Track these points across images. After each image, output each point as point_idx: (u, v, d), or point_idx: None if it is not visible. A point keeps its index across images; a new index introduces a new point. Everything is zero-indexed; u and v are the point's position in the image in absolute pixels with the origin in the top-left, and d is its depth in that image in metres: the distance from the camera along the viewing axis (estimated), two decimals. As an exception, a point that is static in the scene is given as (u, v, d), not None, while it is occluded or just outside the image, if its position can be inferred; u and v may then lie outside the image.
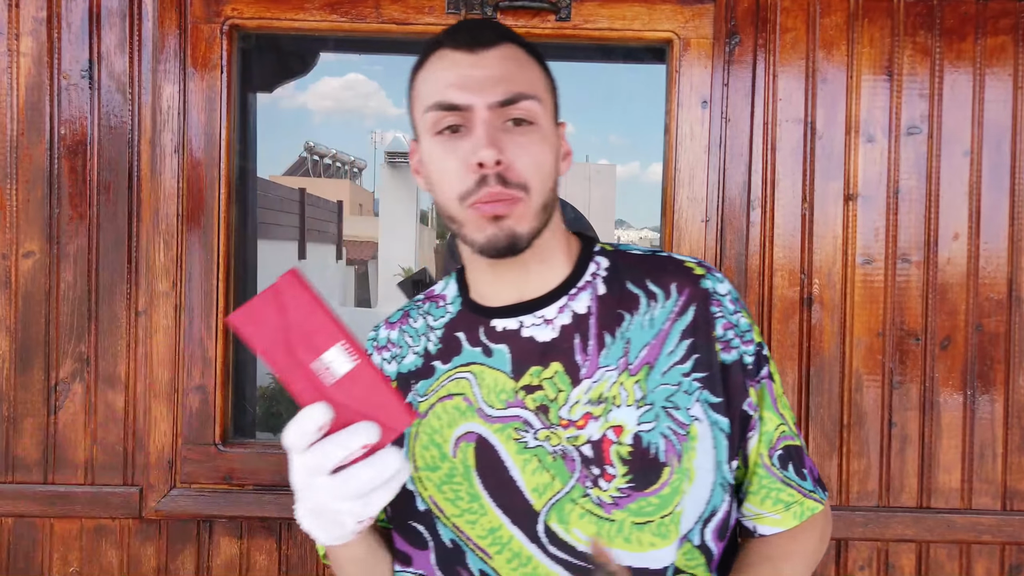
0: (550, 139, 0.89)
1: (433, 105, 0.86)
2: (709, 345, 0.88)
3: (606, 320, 0.89)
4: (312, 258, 8.27)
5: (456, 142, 0.85)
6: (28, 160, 1.49)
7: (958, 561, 1.50)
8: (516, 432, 0.87)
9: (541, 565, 0.85)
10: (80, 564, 1.51)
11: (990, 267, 1.49)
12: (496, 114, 0.85)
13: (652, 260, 0.94)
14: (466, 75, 0.85)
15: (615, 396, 0.86)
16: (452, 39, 0.88)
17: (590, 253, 0.95)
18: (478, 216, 0.85)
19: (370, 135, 24.87)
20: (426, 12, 1.47)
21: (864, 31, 1.49)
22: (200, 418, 1.48)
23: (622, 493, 0.84)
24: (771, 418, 0.91)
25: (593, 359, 0.88)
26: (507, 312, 0.92)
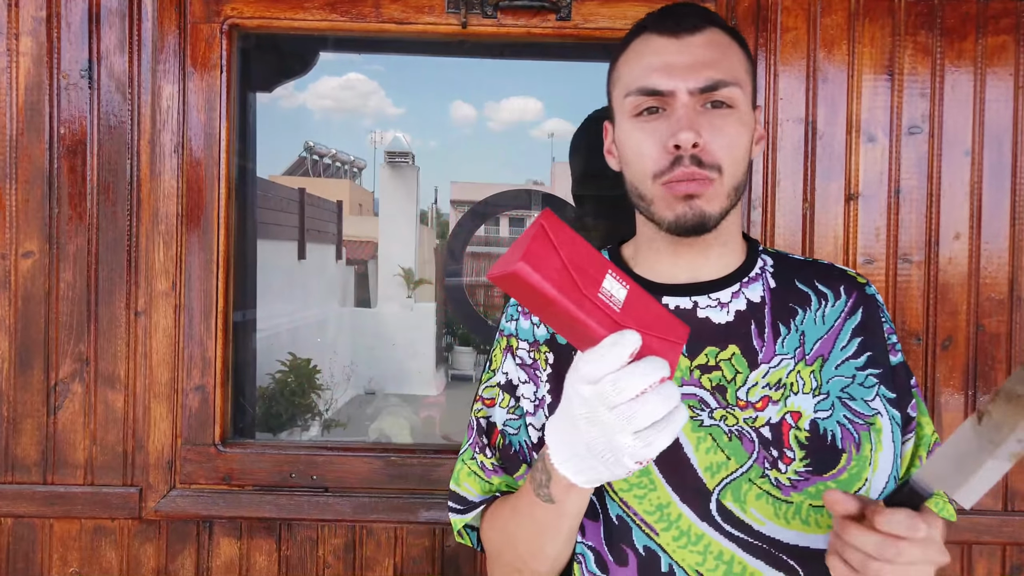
0: (747, 122, 0.91)
1: (636, 90, 0.89)
2: (881, 345, 0.94)
3: (780, 311, 0.93)
4: (312, 258, 8.26)
5: (654, 123, 0.88)
6: (27, 160, 1.48)
7: (959, 562, 1.50)
8: (691, 410, 0.89)
9: (714, 543, 0.86)
10: (80, 565, 1.51)
11: (991, 267, 1.49)
12: (697, 99, 0.87)
13: (816, 264, 0.99)
14: (670, 61, 0.88)
15: (793, 383, 0.89)
16: (657, 24, 0.90)
17: (756, 249, 0.99)
18: (670, 195, 0.88)
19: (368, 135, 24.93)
20: (426, 12, 1.47)
21: (865, 30, 1.48)
22: (200, 418, 1.48)
23: (800, 476, 0.86)
24: (927, 423, 0.96)
25: (770, 345, 0.91)
26: (680, 291, 0.94)
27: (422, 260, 11.79)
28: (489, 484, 0.99)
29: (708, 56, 0.88)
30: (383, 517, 1.48)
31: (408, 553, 1.51)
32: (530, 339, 0.99)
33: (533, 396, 0.97)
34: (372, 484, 1.49)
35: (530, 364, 0.98)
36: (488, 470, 0.99)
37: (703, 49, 0.88)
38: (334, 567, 1.51)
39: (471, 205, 5.11)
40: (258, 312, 1.86)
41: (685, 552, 0.87)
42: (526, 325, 1.00)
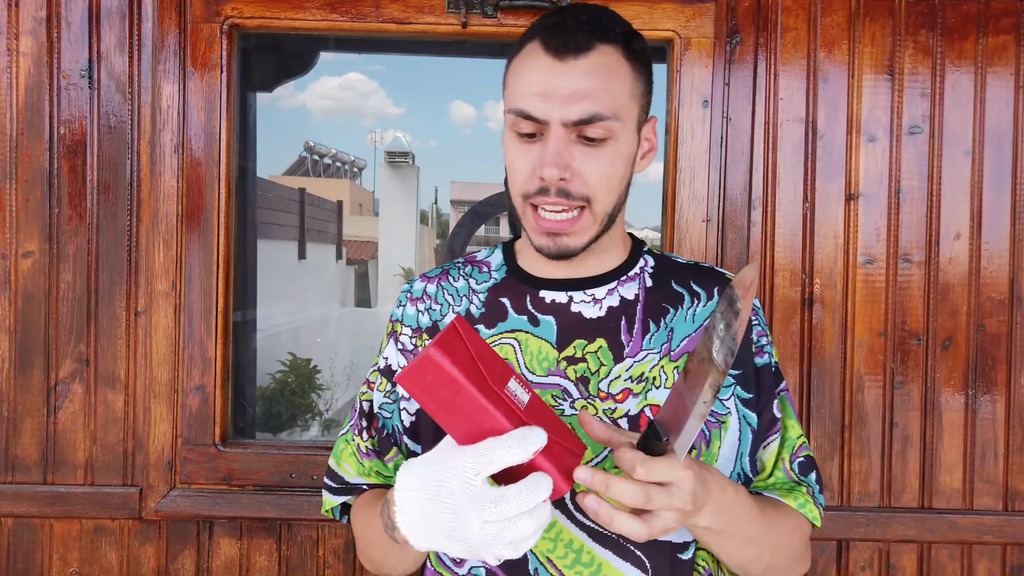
0: (623, 151, 0.90)
1: (513, 110, 0.89)
2: (745, 346, 0.95)
3: (652, 309, 0.95)
4: (312, 258, 8.26)
5: (529, 146, 0.89)
6: (28, 160, 1.48)
7: (959, 562, 1.50)
8: (553, 399, 0.91)
9: (565, 531, 0.88)
10: (80, 565, 1.51)
11: (992, 267, 1.49)
12: (570, 130, 0.87)
13: (695, 267, 1.01)
14: (548, 88, 0.86)
15: (655, 377, 0.91)
16: (546, 38, 0.88)
17: (640, 251, 1.01)
18: (535, 226, 0.90)
19: (368, 135, 24.91)
20: (426, 11, 1.47)
21: (865, 30, 1.48)
22: (200, 418, 1.48)
23: None
24: (793, 427, 0.97)
25: (637, 340, 0.93)
26: (557, 285, 0.96)
27: (422, 260, 11.79)
28: (361, 466, 1.02)
29: (588, 85, 0.86)
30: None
31: (408, 553, 1.51)
32: (414, 325, 1.01)
33: None
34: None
35: (411, 350, 1.00)
36: (362, 452, 1.01)
37: (585, 77, 0.86)
38: (334, 567, 1.51)
39: (471, 205, 5.10)
40: (258, 312, 1.86)
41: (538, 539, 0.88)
42: (411, 311, 1.02)
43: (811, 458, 0.97)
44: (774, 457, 0.95)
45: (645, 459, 0.71)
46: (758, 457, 0.95)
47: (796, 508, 0.92)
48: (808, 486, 0.95)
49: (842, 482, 1.49)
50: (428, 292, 1.02)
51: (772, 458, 0.95)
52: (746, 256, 1.49)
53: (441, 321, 0.99)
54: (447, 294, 1.01)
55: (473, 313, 0.98)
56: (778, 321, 1.49)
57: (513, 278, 0.99)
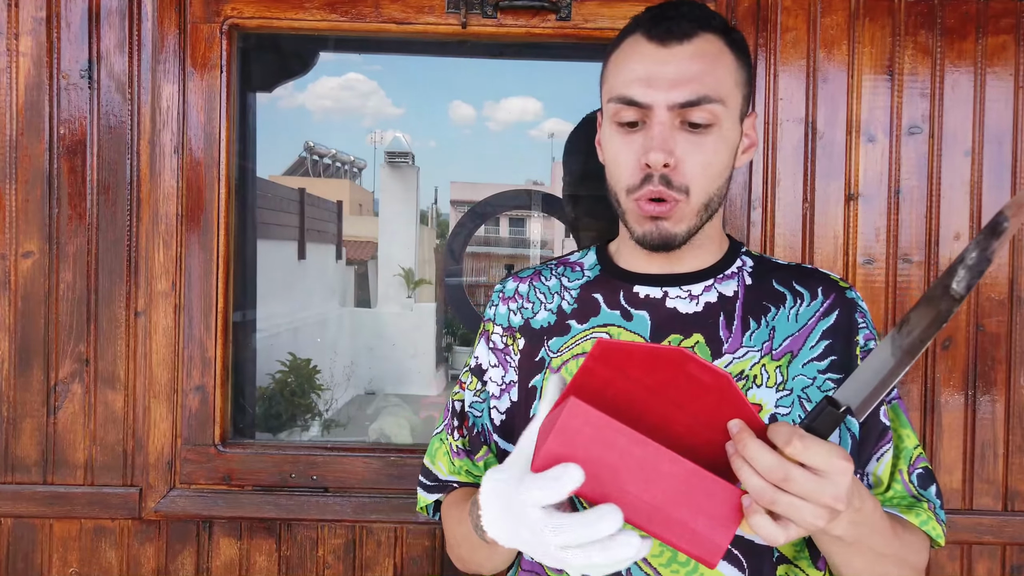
0: (728, 139, 0.89)
1: (616, 97, 0.88)
2: (849, 350, 0.91)
3: (752, 306, 0.92)
4: (312, 258, 8.26)
5: (632, 136, 0.88)
6: (27, 160, 1.48)
7: (959, 562, 1.50)
8: None
9: None
10: (79, 565, 1.51)
11: (991, 267, 1.49)
12: (675, 114, 0.86)
13: (797, 267, 0.98)
14: (653, 71, 0.86)
15: (756, 375, 0.88)
16: (648, 27, 0.88)
17: (738, 250, 0.99)
18: (639, 212, 0.88)
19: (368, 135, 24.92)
20: (426, 11, 1.47)
21: (865, 30, 1.48)
22: (199, 419, 1.48)
23: None
24: (909, 436, 0.92)
25: (737, 337, 0.90)
26: (652, 280, 0.95)
27: (422, 260, 11.78)
28: (452, 465, 1.02)
29: (693, 69, 0.85)
30: (383, 517, 1.49)
31: (408, 553, 1.51)
32: (504, 324, 1.01)
33: (501, 380, 0.99)
34: (372, 484, 1.49)
35: (501, 348, 1.00)
36: (454, 451, 1.02)
37: (689, 61, 0.85)
38: (334, 567, 1.51)
39: (471, 205, 5.11)
40: (258, 312, 1.86)
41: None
42: (503, 310, 1.02)
43: (930, 470, 0.93)
44: (890, 469, 0.91)
45: (805, 435, 0.65)
46: (870, 471, 0.91)
47: (919, 525, 0.88)
48: (929, 501, 0.91)
49: (842, 482, 1.49)
50: (520, 291, 1.02)
51: (888, 471, 0.91)
52: (746, 256, 1.48)
53: (533, 319, 0.98)
54: (539, 292, 1.00)
55: (565, 309, 0.97)
56: (778, 321, 1.49)
57: (607, 275, 0.98)
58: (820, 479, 0.64)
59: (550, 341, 0.96)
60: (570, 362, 0.93)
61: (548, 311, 0.98)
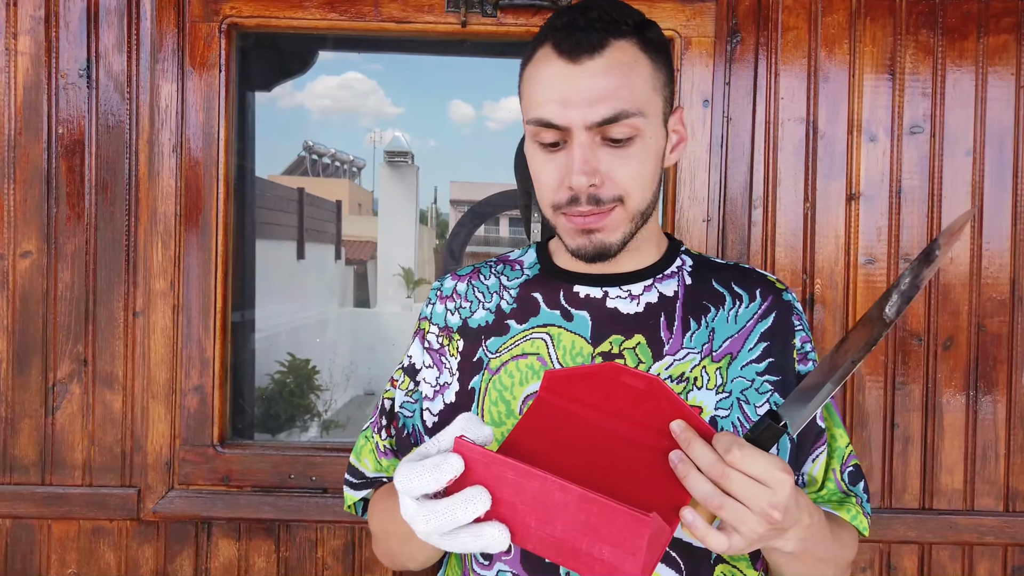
0: (652, 147, 0.87)
1: (533, 120, 0.86)
2: (786, 352, 0.91)
3: (692, 307, 0.92)
4: (311, 258, 8.26)
5: (554, 155, 0.86)
6: (26, 160, 1.48)
7: (960, 563, 1.50)
8: None
9: None
10: (78, 566, 1.50)
11: (993, 267, 1.48)
12: (594, 132, 0.84)
13: (736, 267, 0.98)
14: (566, 91, 0.83)
15: (696, 377, 0.88)
16: (557, 41, 0.84)
17: (677, 249, 0.98)
18: (570, 226, 0.87)
19: (367, 134, 24.92)
20: (425, 11, 1.46)
21: (866, 30, 1.48)
22: (198, 419, 1.48)
23: None
24: (841, 436, 0.94)
25: (678, 338, 0.90)
26: (592, 280, 0.94)
27: (422, 260, 11.79)
28: (379, 464, 1.00)
29: (608, 85, 0.82)
30: (382, 518, 1.48)
31: (408, 554, 1.51)
32: (441, 324, 0.99)
33: (435, 381, 0.97)
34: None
35: (437, 349, 0.98)
36: (380, 451, 1.00)
37: (604, 76, 0.82)
38: (333, 568, 1.51)
39: (471, 205, 5.10)
40: (257, 312, 1.86)
41: None
42: (440, 309, 1.00)
43: (859, 467, 0.95)
44: (824, 469, 0.93)
45: (744, 444, 0.66)
46: (805, 471, 0.92)
47: (850, 520, 0.90)
48: (857, 496, 0.93)
49: (843, 483, 1.49)
50: (458, 290, 1.00)
51: (822, 470, 0.93)
52: (747, 256, 1.48)
53: (471, 318, 0.97)
54: (477, 292, 0.99)
55: (504, 309, 0.95)
56: (778, 321, 1.49)
57: (546, 274, 0.97)
58: (760, 486, 0.66)
59: (488, 341, 0.94)
60: (509, 363, 0.92)
61: (486, 310, 0.96)
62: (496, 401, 0.91)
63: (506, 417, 0.90)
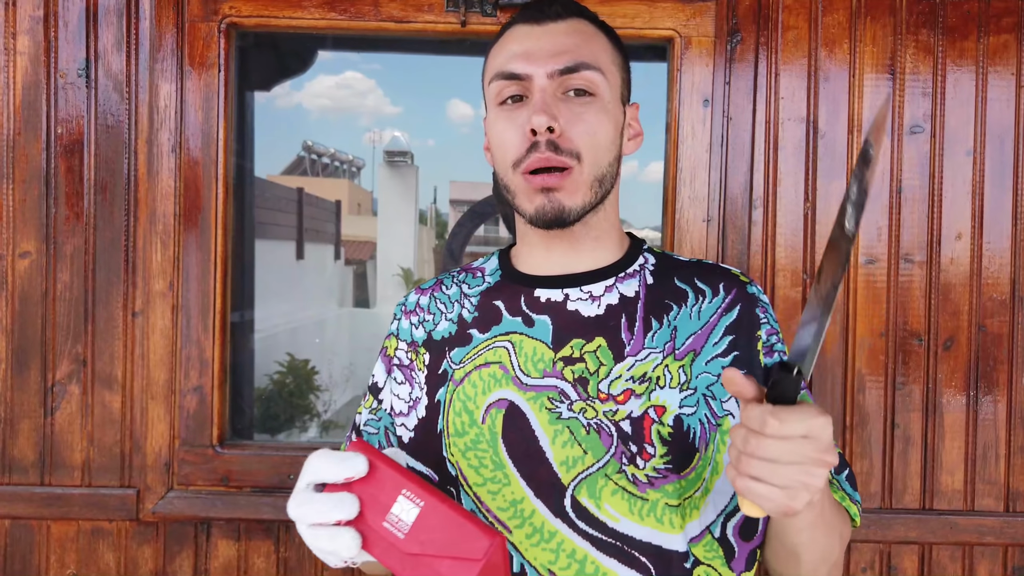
0: (611, 112, 0.90)
1: (496, 75, 0.89)
2: (751, 345, 0.90)
3: (654, 306, 0.91)
4: (310, 258, 8.25)
5: (516, 111, 0.88)
6: (24, 159, 1.47)
7: (960, 563, 1.49)
8: (550, 402, 0.87)
9: (567, 540, 0.85)
10: (77, 566, 1.50)
11: (993, 267, 1.48)
12: (556, 83, 0.87)
13: (699, 264, 0.97)
14: (530, 47, 0.88)
15: (659, 377, 0.87)
16: (522, 15, 0.91)
17: (639, 248, 0.98)
18: (528, 187, 0.87)
19: (366, 134, 24.94)
20: (425, 10, 1.46)
21: (866, 29, 1.48)
22: (197, 419, 1.47)
23: (658, 473, 0.84)
24: None
25: (639, 339, 0.89)
26: (552, 283, 0.93)
27: (421, 260, 11.77)
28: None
29: (569, 42, 0.88)
30: (382, 519, 1.48)
31: (407, 555, 1.51)
32: (408, 339, 0.99)
33: (408, 397, 0.97)
34: (371, 485, 1.48)
35: (407, 365, 0.98)
36: None
37: (565, 35, 0.88)
38: (332, 569, 1.50)
39: (470, 204, 5.09)
40: (256, 313, 1.86)
41: (537, 551, 0.85)
42: (406, 325, 1.00)
43: (841, 455, 0.92)
44: None
45: (776, 410, 0.65)
46: None
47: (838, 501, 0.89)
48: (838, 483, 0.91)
49: (843, 483, 1.49)
50: (421, 304, 1.00)
51: None
52: (747, 256, 1.48)
53: (435, 331, 0.97)
54: (439, 303, 0.99)
55: (466, 318, 0.95)
56: (779, 321, 1.48)
57: (507, 280, 0.96)
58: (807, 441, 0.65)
59: (452, 352, 0.94)
60: (472, 373, 0.91)
61: (449, 321, 0.96)
62: (460, 412, 0.91)
63: (469, 427, 0.90)
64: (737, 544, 0.88)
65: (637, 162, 11.01)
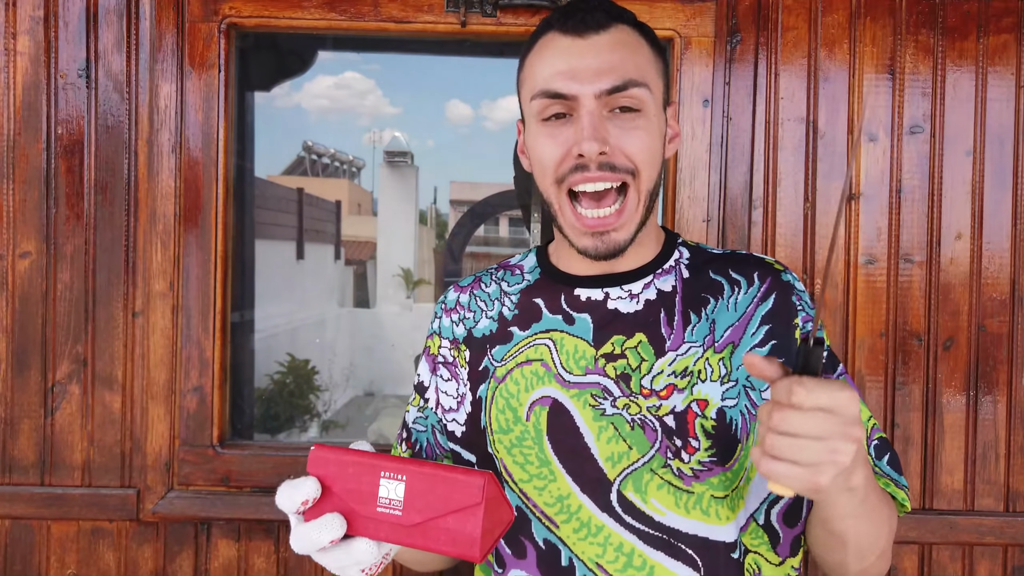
0: (656, 124, 0.89)
1: (539, 93, 0.87)
2: (788, 333, 0.91)
3: (691, 300, 0.92)
4: (310, 258, 8.26)
5: (560, 128, 0.87)
6: (25, 160, 1.47)
7: (960, 563, 1.49)
8: (593, 399, 0.88)
9: (614, 534, 0.85)
10: (77, 567, 1.50)
11: (993, 267, 1.48)
12: (603, 102, 0.85)
13: (733, 255, 0.97)
14: (574, 63, 0.85)
15: (700, 370, 0.88)
16: (562, 23, 0.88)
17: (674, 242, 0.98)
18: (577, 224, 0.87)
19: (365, 134, 24.93)
20: (425, 10, 1.46)
21: (866, 29, 1.48)
22: (197, 420, 1.47)
23: (703, 466, 0.85)
24: (863, 410, 0.91)
25: (679, 333, 0.90)
26: (592, 282, 0.94)
27: (421, 260, 11.78)
28: None
29: (614, 57, 0.85)
30: (382, 519, 1.48)
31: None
32: (450, 337, 1.00)
33: (456, 392, 0.98)
34: (371, 485, 1.48)
35: (451, 362, 0.99)
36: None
37: (609, 50, 0.86)
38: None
39: (470, 205, 5.09)
40: (256, 313, 1.86)
41: (585, 544, 0.86)
42: (447, 323, 1.01)
43: (886, 440, 0.92)
44: None
45: (804, 380, 0.64)
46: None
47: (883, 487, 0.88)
48: (882, 471, 0.90)
49: (843, 483, 1.49)
50: (461, 302, 1.01)
51: None
52: (746, 256, 1.48)
53: (475, 328, 0.97)
54: (479, 301, 0.99)
55: (507, 316, 0.96)
56: (779, 321, 1.49)
57: (547, 278, 0.97)
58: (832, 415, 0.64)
59: (493, 350, 0.95)
60: (514, 370, 0.92)
61: (489, 319, 0.97)
62: (503, 408, 0.91)
63: (514, 424, 0.91)
64: (782, 530, 0.88)
65: (637, 162, 10.98)
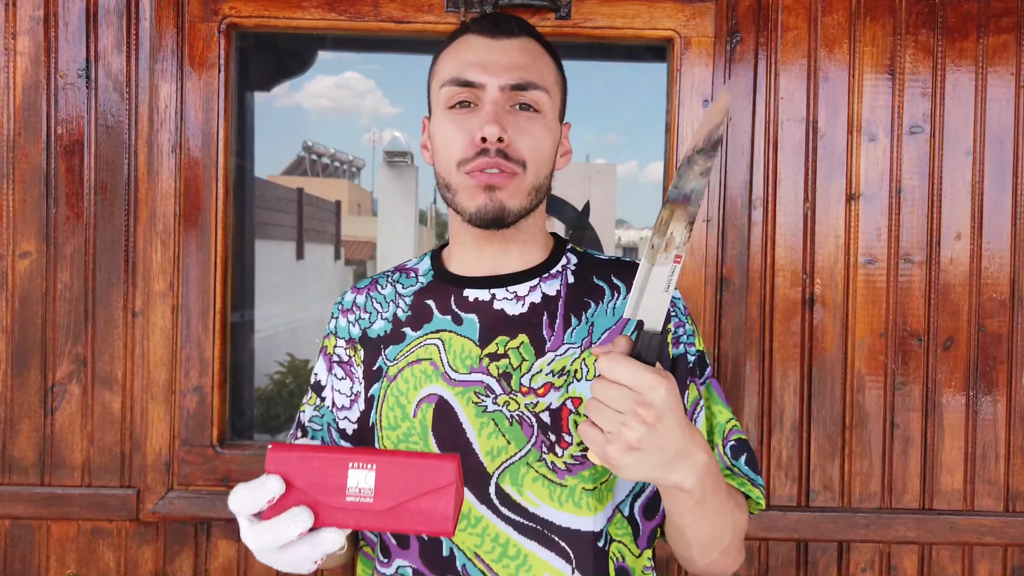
0: (552, 129, 0.96)
1: (450, 80, 0.94)
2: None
3: (573, 304, 0.97)
4: (310, 258, 8.25)
5: (465, 116, 0.93)
6: (24, 160, 1.47)
7: (960, 563, 1.49)
8: (476, 396, 0.93)
9: (492, 525, 0.90)
10: (77, 567, 1.50)
11: (993, 267, 1.48)
12: (506, 96, 0.92)
13: (616, 261, 1.03)
14: (485, 57, 0.93)
15: (576, 370, 0.93)
16: (478, 26, 0.97)
17: (563, 248, 1.04)
18: (473, 184, 0.92)
19: (365, 134, 24.94)
20: (425, 10, 1.46)
21: (866, 29, 1.48)
22: (197, 419, 1.47)
23: (575, 460, 0.90)
24: (722, 412, 0.97)
25: (559, 335, 0.95)
26: (480, 283, 0.99)
27: (421, 260, 11.70)
28: None
29: (521, 59, 0.94)
30: (382, 519, 1.48)
31: (407, 555, 1.51)
32: (346, 337, 1.04)
33: (349, 391, 1.01)
34: (371, 485, 1.48)
35: (347, 361, 1.03)
36: None
37: (518, 53, 0.94)
38: (331, 569, 1.50)
39: (470, 205, 5.05)
40: (256, 313, 1.86)
41: (465, 535, 0.90)
42: (343, 323, 1.04)
43: (744, 441, 0.97)
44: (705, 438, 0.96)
45: (613, 356, 0.71)
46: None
47: (737, 487, 0.93)
48: (739, 470, 0.95)
49: (843, 483, 1.49)
50: (357, 303, 1.05)
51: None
52: (746, 256, 1.48)
53: (370, 329, 1.01)
54: (375, 303, 1.03)
55: (401, 317, 1.00)
56: (779, 321, 1.49)
57: (439, 280, 1.02)
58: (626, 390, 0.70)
59: (387, 350, 0.99)
60: (405, 369, 0.96)
61: (384, 320, 1.01)
62: (393, 406, 0.95)
63: (401, 420, 0.95)
64: (641, 522, 0.94)
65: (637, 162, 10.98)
